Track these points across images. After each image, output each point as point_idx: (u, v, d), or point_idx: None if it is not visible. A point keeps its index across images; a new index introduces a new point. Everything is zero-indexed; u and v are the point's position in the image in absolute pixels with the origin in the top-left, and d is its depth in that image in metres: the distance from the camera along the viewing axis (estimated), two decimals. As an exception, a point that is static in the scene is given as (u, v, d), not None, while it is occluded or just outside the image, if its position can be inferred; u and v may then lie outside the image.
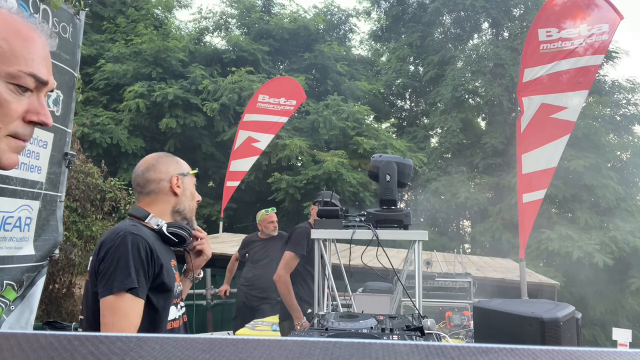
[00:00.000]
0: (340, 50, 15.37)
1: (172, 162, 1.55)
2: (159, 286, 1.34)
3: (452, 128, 14.30)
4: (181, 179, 1.53)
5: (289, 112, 7.77)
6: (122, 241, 1.30)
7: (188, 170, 1.59)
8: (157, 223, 1.44)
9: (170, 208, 1.51)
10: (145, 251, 1.31)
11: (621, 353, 0.37)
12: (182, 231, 1.46)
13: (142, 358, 0.35)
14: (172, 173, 1.52)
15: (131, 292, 1.26)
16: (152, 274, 1.32)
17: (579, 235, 10.89)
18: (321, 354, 0.36)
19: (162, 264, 1.35)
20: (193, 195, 1.58)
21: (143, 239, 1.32)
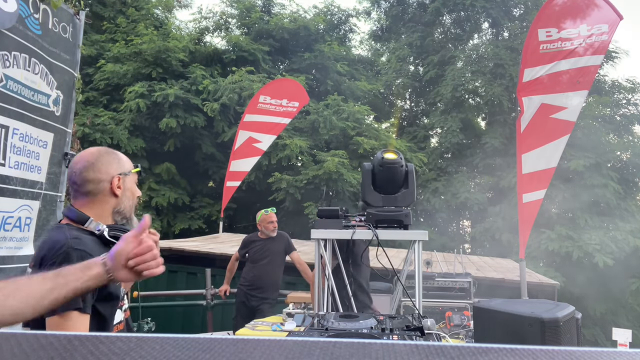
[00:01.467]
0: (340, 50, 15.37)
1: (112, 161, 1.45)
2: (105, 296, 1.30)
3: (452, 128, 14.29)
4: (122, 178, 1.45)
5: (291, 113, 7.77)
6: (65, 259, 1.22)
7: (130, 169, 1.49)
8: (98, 228, 1.36)
9: (109, 209, 1.43)
10: None
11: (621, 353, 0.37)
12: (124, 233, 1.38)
13: (142, 358, 0.35)
14: (113, 173, 1.43)
15: (78, 310, 1.21)
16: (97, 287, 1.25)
17: (579, 235, 10.88)
18: (321, 354, 0.36)
19: None
20: (133, 194, 1.49)
21: (87, 255, 1.23)
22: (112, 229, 1.37)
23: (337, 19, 16.97)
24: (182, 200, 12.11)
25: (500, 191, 13.58)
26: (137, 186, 1.54)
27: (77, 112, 10.69)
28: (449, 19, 17.73)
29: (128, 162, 1.50)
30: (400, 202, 2.52)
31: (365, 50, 19.74)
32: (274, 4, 16.51)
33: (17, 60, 2.45)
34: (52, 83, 2.74)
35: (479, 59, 15.29)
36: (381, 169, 2.48)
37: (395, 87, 17.64)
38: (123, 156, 1.51)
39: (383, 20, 18.59)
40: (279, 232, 4.55)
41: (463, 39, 17.18)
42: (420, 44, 16.91)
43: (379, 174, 2.50)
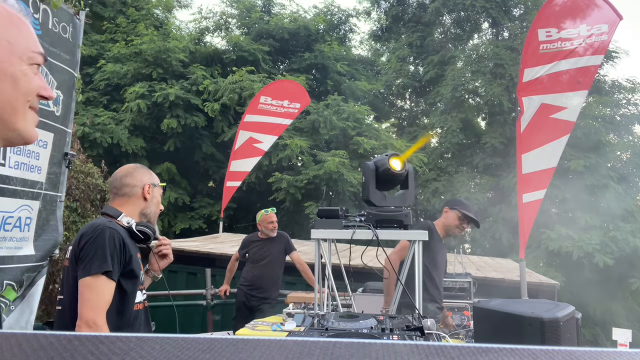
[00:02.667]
0: (340, 50, 15.37)
1: (146, 173, 1.85)
2: (128, 272, 1.61)
3: (452, 128, 14.30)
4: (152, 187, 1.82)
5: (292, 114, 7.76)
6: (100, 233, 1.57)
7: (158, 182, 1.87)
8: (128, 221, 1.71)
9: (138, 210, 1.78)
10: (119, 242, 1.58)
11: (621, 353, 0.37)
12: (148, 229, 1.73)
13: (142, 358, 0.35)
14: (146, 182, 1.81)
15: (106, 274, 1.52)
16: (123, 261, 1.59)
17: (579, 235, 10.88)
18: (321, 354, 0.36)
19: (131, 255, 1.62)
20: (158, 204, 1.85)
21: (117, 232, 1.60)
22: (139, 224, 1.73)
23: (337, 19, 16.97)
24: (182, 200, 12.12)
25: (500, 191, 13.58)
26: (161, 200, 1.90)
27: (77, 112, 10.70)
28: (449, 19, 17.73)
29: (157, 178, 1.89)
30: (400, 202, 2.53)
31: (365, 50, 19.76)
32: (274, 4, 16.51)
33: (17, 60, 2.44)
34: (52, 83, 2.74)
35: (479, 59, 15.29)
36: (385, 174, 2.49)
37: (395, 87, 17.64)
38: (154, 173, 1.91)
39: (383, 20, 18.59)
40: (279, 232, 4.55)
41: (463, 39, 17.18)
42: (420, 44, 16.91)
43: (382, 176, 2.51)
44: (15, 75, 0.76)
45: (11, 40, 0.75)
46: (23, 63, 0.77)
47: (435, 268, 3.30)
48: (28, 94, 0.78)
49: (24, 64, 0.77)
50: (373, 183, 2.53)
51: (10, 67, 0.75)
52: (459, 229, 3.30)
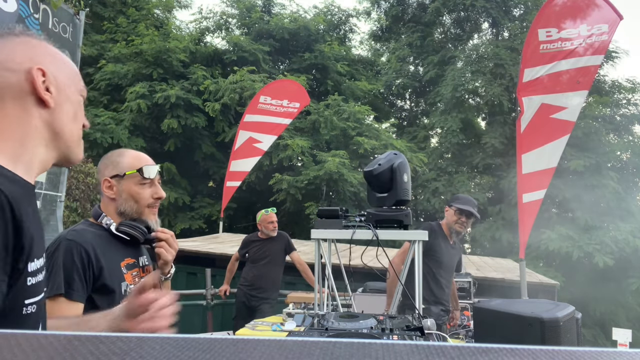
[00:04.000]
0: (340, 50, 15.37)
1: (108, 164, 1.50)
2: (100, 288, 1.36)
3: (452, 128, 14.30)
4: (116, 181, 1.47)
5: (292, 114, 7.76)
6: (56, 248, 1.34)
7: (124, 171, 1.47)
8: (107, 222, 1.45)
9: (113, 210, 1.48)
10: (80, 256, 1.33)
11: (621, 353, 0.37)
12: (132, 230, 1.44)
13: (142, 358, 0.35)
14: (106, 175, 1.48)
15: (65, 295, 1.29)
16: (90, 276, 1.33)
17: (579, 235, 10.88)
18: (321, 354, 0.36)
19: (101, 267, 1.36)
20: (133, 196, 1.47)
21: (77, 244, 1.33)
22: (121, 225, 1.44)
23: (337, 19, 16.98)
24: (182, 200, 12.12)
25: (500, 191, 13.58)
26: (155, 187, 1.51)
27: (77, 112, 10.69)
28: (449, 19, 17.73)
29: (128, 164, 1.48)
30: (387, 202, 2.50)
31: (365, 50, 19.76)
32: (274, 4, 16.52)
33: (17, 60, 2.44)
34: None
35: (479, 59, 15.29)
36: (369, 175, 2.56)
37: (395, 87, 17.65)
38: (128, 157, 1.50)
39: (383, 21, 18.60)
40: (279, 232, 4.55)
41: (463, 39, 17.19)
42: (420, 44, 16.91)
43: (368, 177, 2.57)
44: (76, 104, 0.91)
45: (71, 75, 0.92)
46: (78, 94, 0.93)
47: (441, 269, 3.28)
48: (81, 123, 0.93)
49: (79, 95, 0.93)
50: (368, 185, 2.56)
51: (73, 96, 0.90)
52: (458, 224, 3.29)
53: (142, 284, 1.09)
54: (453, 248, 3.41)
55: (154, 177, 1.51)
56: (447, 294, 3.35)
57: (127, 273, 1.46)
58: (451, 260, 3.39)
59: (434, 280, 3.25)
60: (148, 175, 1.48)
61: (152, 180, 1.50)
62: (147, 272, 1.57)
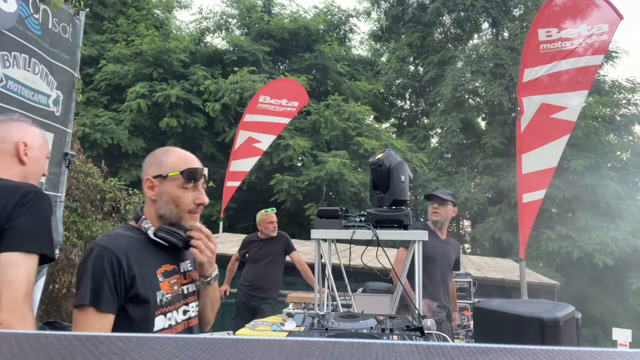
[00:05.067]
0: (340, 50, 15.38)
1: (153, 162, 1.39)
2: (133, 298, 1.27)
3: (452, 128, 14.31)
4: (158, 182, 1.37)
5: (291, 113, 7.76)
6: (88, 255, 1.26)
7: (167, 172, 1.36)
8: (145, 226, 1.37)
9: (154, 212, 1.38)
10: (111, 264, 1.24)
11: (621, 353, 0.37)
12: (170, 237, 1.35)
13: (142, 358, 0.35)
14: (150, 174, 1.38)
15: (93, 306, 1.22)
16: (121, 286, 1.25)
17: (579, 235, 10.89)
18: (321, 354, 0.36)
19: (134, 276, 1.26)
20: (174, 199, 1.37)
21: (110, 252, 1.24)
22: (160, 230, 1.35)
23: (337, 19, 16.98)
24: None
25: (500, 191, 13.59)
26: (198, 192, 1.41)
27: (78, 112, 10.70)
28: (449, 19, 17.74)
29: (172, 165, 1.38)
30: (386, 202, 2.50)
31: (365, 50, 19.77)
32: (274, 4, 16.53)
33: (17, 60, 2.45)
34: (52, 83, 2.74)
35: (479, 59, 15.30)
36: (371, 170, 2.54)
37: (395, 87, 17.65)
38: (173, 157, 1.39)
39: (383, 21, 18.61)
40: (279, 232, 4.55)
41: (463, 39, 17.20)
42: (420, 44, 16.92)
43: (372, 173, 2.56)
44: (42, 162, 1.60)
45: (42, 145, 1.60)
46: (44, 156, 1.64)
47: (432, 264, 3.25)
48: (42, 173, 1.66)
49: (45, 156, 1.65)
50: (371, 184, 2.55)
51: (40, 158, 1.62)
52: (433, 214, 3.39)
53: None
54: (446, 243, 3.42)
55: (199, 182, 1.41)
56: (444, 290, 3.34)
57: (164, 281, 1.36)
58: (445, 256, 3.38)
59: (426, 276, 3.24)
60: (192, 179, 1.38)
61: (195, 185, 1.40)
62: (189, 278, 1.47)
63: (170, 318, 1.36)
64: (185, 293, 1.43)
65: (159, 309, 1.32)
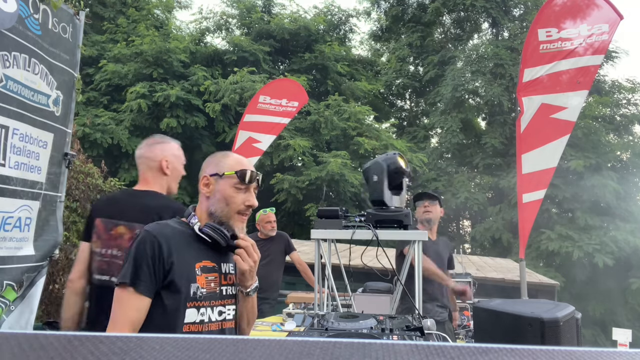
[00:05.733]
0: (340, 50, 15.38)
1: (211, 162, 1.51)
2: (168, 285, 1.31)
3: (452, 128, 14.31)
4: (213, 179, 1.47)
5: (291, 113, 7.75)
6: (135, 239, 1.35)
7: (224, 171, 1.46)
8: (192, 221, 1.44)
9: (205, 210, 1.47)
10: (152, 247, 1.30)
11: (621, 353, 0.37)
12: (214, 233, 1.40)
13: (142, 358, 0.35)
14: (206, 172, 1.49)
15: (133, 286, 1.28)
16: (160, 270, 1.30)
17: (579, 235, 10.89)
18: (321, 354, 0.36)
19: (172, 262, 1.31)
20: (226, 199, 1.44)
21: (153, 237, 1.32)
22: (207, 226, 1.41)
23: (337, 19, 16.98)
24: (182, 200, 12.11)
25: (500, 191, 13.59)
26: (249, 194, 1.48)
27: (78, 112, 10.70)
28: (449, 19, 17.74)
29: (229, 165, 1.47)
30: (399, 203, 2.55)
31: (365, 50, 19.77)
32: (274, 4, 16.52)
33: (17, 60, 2.45)
34: (52, 83, 2.74)
35: (479, 59, 15.30)
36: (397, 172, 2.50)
37: (395, 87, 17.65)
38: (231, 159, 1.50)
39: (383, 21, 18.60)
40: (278, 232, 4.55)
41: (463, 39, 17.20)
42: (420, 44, 16.92)
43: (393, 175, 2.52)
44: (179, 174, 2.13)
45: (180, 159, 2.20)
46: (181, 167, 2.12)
47: None
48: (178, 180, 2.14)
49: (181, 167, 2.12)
50: (386, 183, 2.51)
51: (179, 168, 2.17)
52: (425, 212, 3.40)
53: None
54: (436, 244, 3.43)
55: (251, 184, 1.48)
56: (442, 289, 3.34)
57: (201, 275, 1.38)
58: (439, 256, 3.39)
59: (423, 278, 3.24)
60: (246, 180, 1.46)
61: (247, 187, 1.47)
62: (229, 280, 1.49)
63: (204, 314, 1.38)
64: (224, 294, 1.46)
65: (192, 301, 1.34)
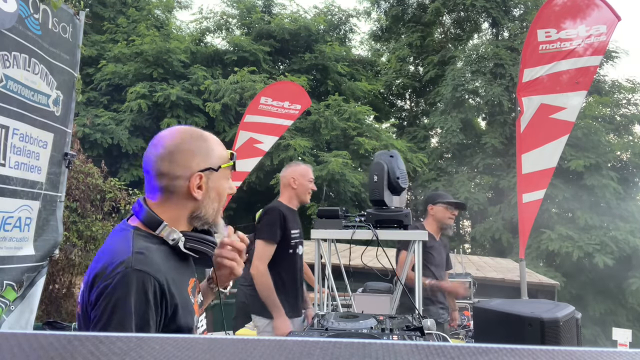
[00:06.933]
0: (340, 50, 15.38)
1: (197, 153, 1.09)
2: (172, 331, 1.02)
3: (452, 128, 14.30)
4: (206, 177, 1.10)
5: (293, 115, 7.77)
6: (120, 281, 0.93)
7: (219, 163, 1.12)
8: (172, 237, 1.06)
9: (186, 214, 1.10)
10: (154, 294, 0.96)
11: (621, 353, 0.37)
12: (204, 247, 1.10)
13: (142, 358, 0.35)
14: (194, 169, 1.08)
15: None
16: (162, 319, 0.99)
17: (579, 235, 10.89)
18: (321, 354, 0.36)
19: (176, 304, 1.00)
20: (220, 194, 1.15)
21: (152, 278, 0.96)
22: (190, 239, 1.08)
23: (337, 19, 16.97)
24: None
25: (500, 191, 13.59)
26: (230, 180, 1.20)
27: (78, 112, 10.70)
28: (449, 19, 17.74)
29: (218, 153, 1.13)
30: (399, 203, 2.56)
31: (365, 50, 19.77)
32: (274, 5, 16.51)
33: (17, 60, 2.45)
34: (52, 83, 2.74)
35: (479, 59, 15.29)
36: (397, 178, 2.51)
37: (395, 87, 17.65)
38: (214, 143, 1.13)
39: (383, 21, 18.60)
40: (279, 232, 4.54)
41: (463, 39, 17.19)
42: (420, 44, 16.92)
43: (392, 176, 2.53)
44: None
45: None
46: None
47: (434, 266, 3.30)
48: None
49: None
50: (386, 183, 2.52)
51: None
52: (450, 218, 3.39)
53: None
54: (439, 245, 3.46)
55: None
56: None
57: (194, 301, 1.11)
58: (441, 257, 3.43)
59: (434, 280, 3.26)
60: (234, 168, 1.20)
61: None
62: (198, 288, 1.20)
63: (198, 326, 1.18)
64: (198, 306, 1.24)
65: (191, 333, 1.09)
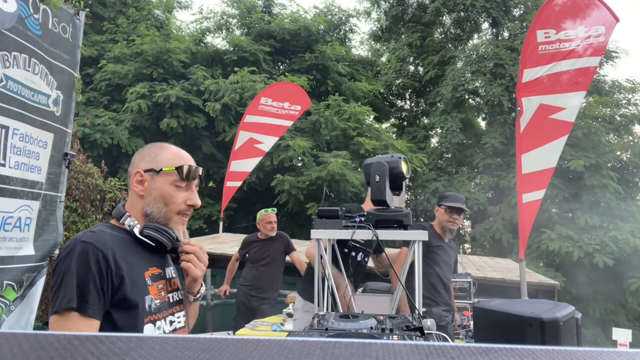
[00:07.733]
0: (340, 50, 15.38)
1: (146, 156, 1.29)
2: (120, 301, 1.13)
3: (452, 128, 14.30)
4: (149, 176, 1.26)
5: (293, 116, 7.78)
6: (70, 252, 1.11)
7: (161, 166, 1.26)
8: (130, 224, 1.23)
9: (139, 210, 1.26)
10: (97, 262, 1.10)
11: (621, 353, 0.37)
12: (159, 235, 1.22)
13: (142, 358, 0.35)
14: (138, 167, 1.27)
15: (78, 310, 1.08)
16: (108, 287, 1.11)
17: (579, 235, 10.89)
18: (321, 354, 0.36)
19: (122, 275, 1.13)
20: (164, 197, 1.26)
21: (95, 248, 1.11)
22: (147, 228, 1.23)
23: (337, 19, 16.97)
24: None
25: (500, 191, 13.59)
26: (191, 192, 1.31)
27: (78, 112, 10.70)
28: (449, 19, 17.73)
29: (167, 159, 1.28)
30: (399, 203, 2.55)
31: (365, 50, 19.76)
32: (274, 5, 16.51)
33: (17, 60, 2.45)
34: (52, 83, 2.74)
35: (479, 59, 15.29)
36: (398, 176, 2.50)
37: (395, 87, 17.64)
38: (168, 152, 1.30)
39: (383, 21, 18.59)
40: (278, 232, 4.55)
41: (463, 39, 17.19)
42: (420, 44, 16.92)
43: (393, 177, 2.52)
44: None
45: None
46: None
47: (441, 268, 3.30)
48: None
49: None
50: (387, 183, 2.52)
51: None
52: (450, 222, 3.37)
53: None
54: (449, 247, 3.45)
55: (193, 181, 1.32)
56: (444, 294, 3.37)
57: (152, 285, 1.23)
58: (449, 259, 3.43)
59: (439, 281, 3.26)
60: (187, 177, 1.29)
61: (189, 184, 1.31)
62: (173, 286, 1.34)
63: (160, 327, 1.24)
64: (171, 302, 1.32)
65: (148, 315, 1.20)
